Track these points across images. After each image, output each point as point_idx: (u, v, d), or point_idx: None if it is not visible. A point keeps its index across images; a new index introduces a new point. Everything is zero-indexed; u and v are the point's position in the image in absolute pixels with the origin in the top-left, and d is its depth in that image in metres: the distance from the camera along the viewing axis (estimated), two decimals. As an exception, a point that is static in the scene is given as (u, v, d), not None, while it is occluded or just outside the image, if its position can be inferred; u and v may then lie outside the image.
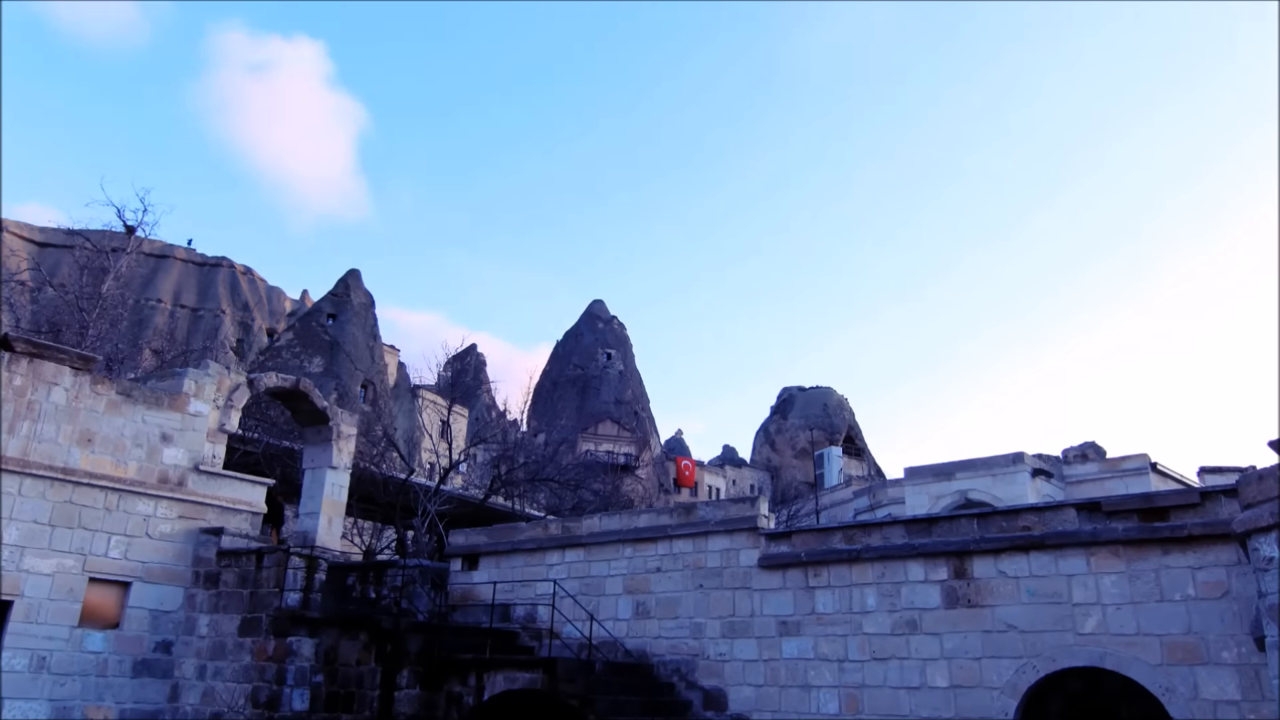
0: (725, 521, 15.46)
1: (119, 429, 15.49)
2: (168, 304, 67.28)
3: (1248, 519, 9.52)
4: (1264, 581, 9.20)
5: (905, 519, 14.20)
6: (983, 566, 12.72)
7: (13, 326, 26.87)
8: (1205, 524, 11.17)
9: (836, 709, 13.28)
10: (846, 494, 52.21)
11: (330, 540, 17.60)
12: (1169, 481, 34.13)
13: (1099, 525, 11.99)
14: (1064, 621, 11.87)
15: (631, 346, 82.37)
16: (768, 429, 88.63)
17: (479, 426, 47.19)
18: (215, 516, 16.20)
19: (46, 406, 14.66)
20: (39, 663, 13.76)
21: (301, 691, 14.05)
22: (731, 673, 14.50)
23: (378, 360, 57.16)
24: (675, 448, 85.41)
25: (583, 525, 17.46)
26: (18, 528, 13.94)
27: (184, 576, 15.61)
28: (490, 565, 18.12)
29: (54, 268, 46.53)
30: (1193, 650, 10.93)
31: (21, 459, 14.15)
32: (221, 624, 15.11)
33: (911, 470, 36.42)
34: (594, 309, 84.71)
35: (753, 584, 14.80)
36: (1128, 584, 11.59)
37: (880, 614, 13.38)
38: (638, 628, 15.81)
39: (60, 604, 14.17)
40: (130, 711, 14.49)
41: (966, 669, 12.40)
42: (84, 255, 32.70)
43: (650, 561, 16.09)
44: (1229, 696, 10.56)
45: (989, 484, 33.01)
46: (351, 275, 57.65)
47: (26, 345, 14.72)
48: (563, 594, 16.40)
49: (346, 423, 18.53)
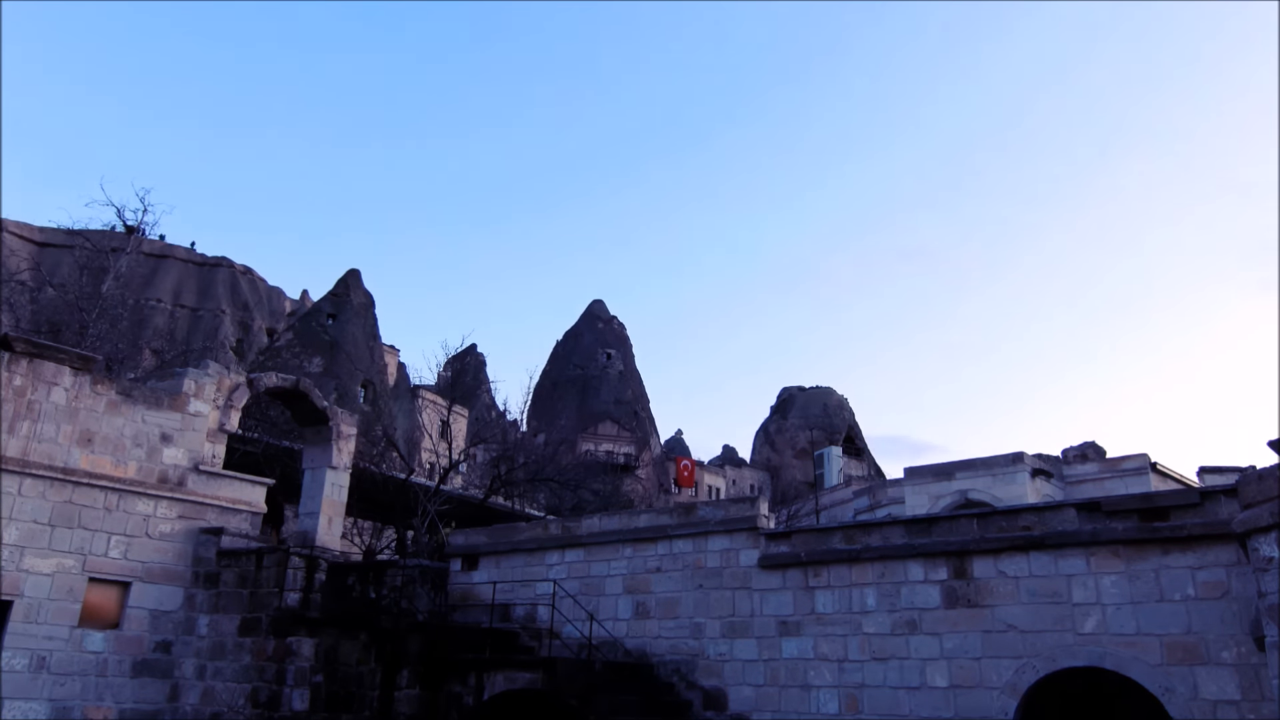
0: (725, 521, 15.45)
1: (119, 429, 15.49)
2: (168, 304, 67.23)
3: (1248, 519, 9.52)
4: (1264, 581, 9.20)
5: (905, 519, 14.19)
6: (983, 566, 12.72)
7: (13, 326, 26.86)
8: (1205, 524, 11.17)
9: (836, 709, 13.28)
10: (846, 494, 52.11)
11: (330, 540, 17.60)
12: (1169, 481, 34.12)
13: (1099, 525, 11.98)
14: (1064, 621, 11.87)
15: (631, 346, 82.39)
16: (768, 429, 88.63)
17: (479, 426, 47.16)
18: (215, 516, 16.21)
19: (46, 406, 14.66)
20: (39, 663, 13.76)
21: (301, 691, 14.05)
22: (731, 673, 14.49)
23: (377, 360, 57.15)
24: (675, 448, 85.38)
25: (583, 525, 17.45)
26: (18, 528, 13.94)
27: (184, 576, 15.61)
28: (490, 565, 18.11)
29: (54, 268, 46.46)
30: (1193, 650, 10.93)
31: (21, 459, 14.16)
32: (221, 624, 15.12)
33: (911, 470, 36.41)
34: (594, 309, 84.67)
35: (753, 584, 14.79)
36: (1128, 584, 11.59)
37: (880, 614, 13.38)
38: (638, 628, 15.80)
39: (60, 604, 14.17)
40: (130, 711, 14.49)
41: (966, 669, 12.39)
42: (84, 255, 32.73)
43: (650, 561, 16.09)
44: (1229, 696, 10.56)
45: (989, 484, 33.01)
46: (351, 275, 57.65)
47: (26, 345, 14.72)
48: (563, 594, 16.40)
49: (346, 423, 18.53)
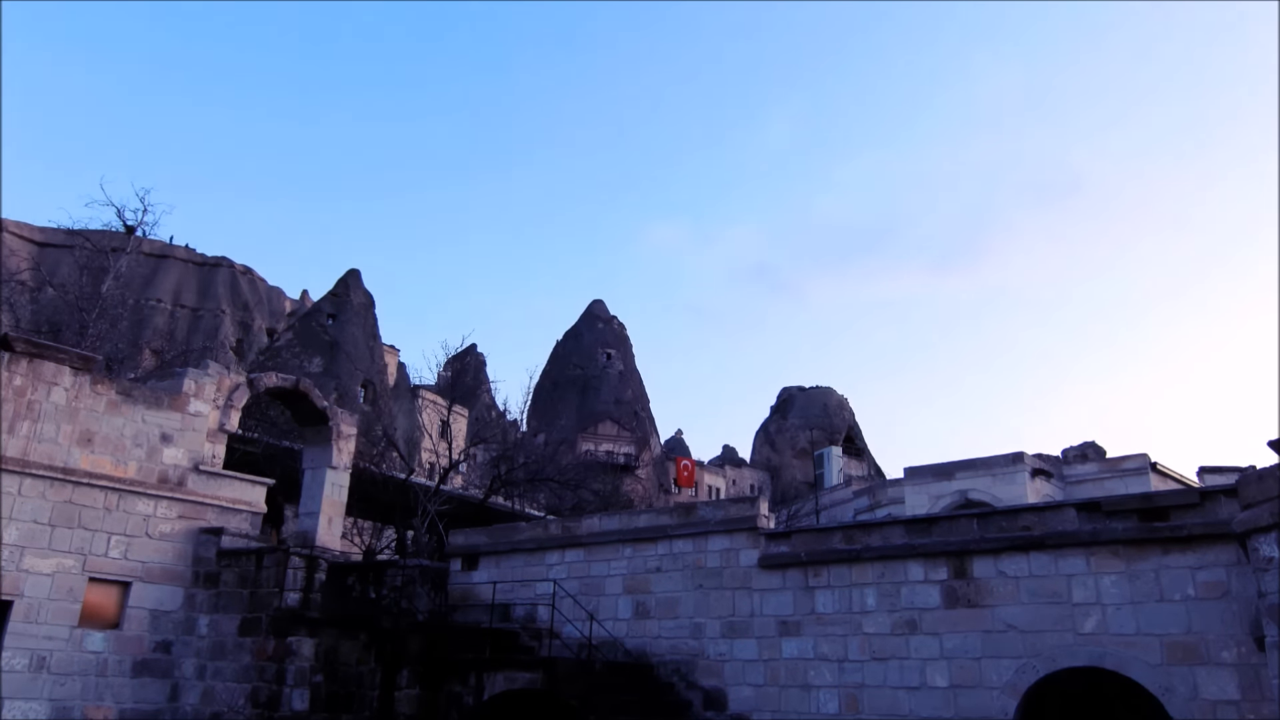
0: (725, 521, 15.46)
1: (119, 429, 15.49)
2: (168, 304, 67.21)
3: (1248, 519, 9.53)
4: (1264, 581, 9.21)
5: (905, 519, 14.20)
6: (983, 566, 12.72)
7: (13, 326, 26.88)
8: (1205, 524, 11.16)
9: (836, 709, 13.28)
10: (846, 494, 52.12)
11: (330, 540, 17.60)
12: (1169, 481, 34.15)
13: (1099, 525, 11.98)
14: (1064, 621, 11.87)
15: (631, 346, 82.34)
16: (768, 429, 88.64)
17: (479, 426, 47.16)
18: (215, 516, 16.20)
19: (46, 406, 14.66)
20: (39, 663, 13.76)
21: (301, 691, 14.05)
22: (731, 673, 14.49)
23: (377, 360, 57.16)
24: (675, 448, 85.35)
25: (583, 525, 17.45)
26: (18, 528, 13.94)
27: (184, 576, 15.61)
28: (490, 565, 18.11)
29: (54, 268, 46.46)
30: (1193, 650, 10.93)
31: (21, 459, 14.15)
32: (221, 624, 15.12)
33: (911, 470, 36.45)
34: (594, 309, 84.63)
35: (753, 584, 14.79)
36: (1128, 584, 11.59)
37: (880, 614, 13.38)
38: (638, 628, 15.80)
39: (60, 604, 14.17)
40: (130, 711, 14.49)
41: (966, 669, 12.39)
42: (84, 255, 32.73)
43: (650, 561, 16.09)
44: (1229, 696, 10.56)
45: (989, 484, 33.05)
46: (351, 275, 57.67)
47: (26, 345, 14.72)
48: (563, 594, 16.40)
49: (346, 423, 18.53)
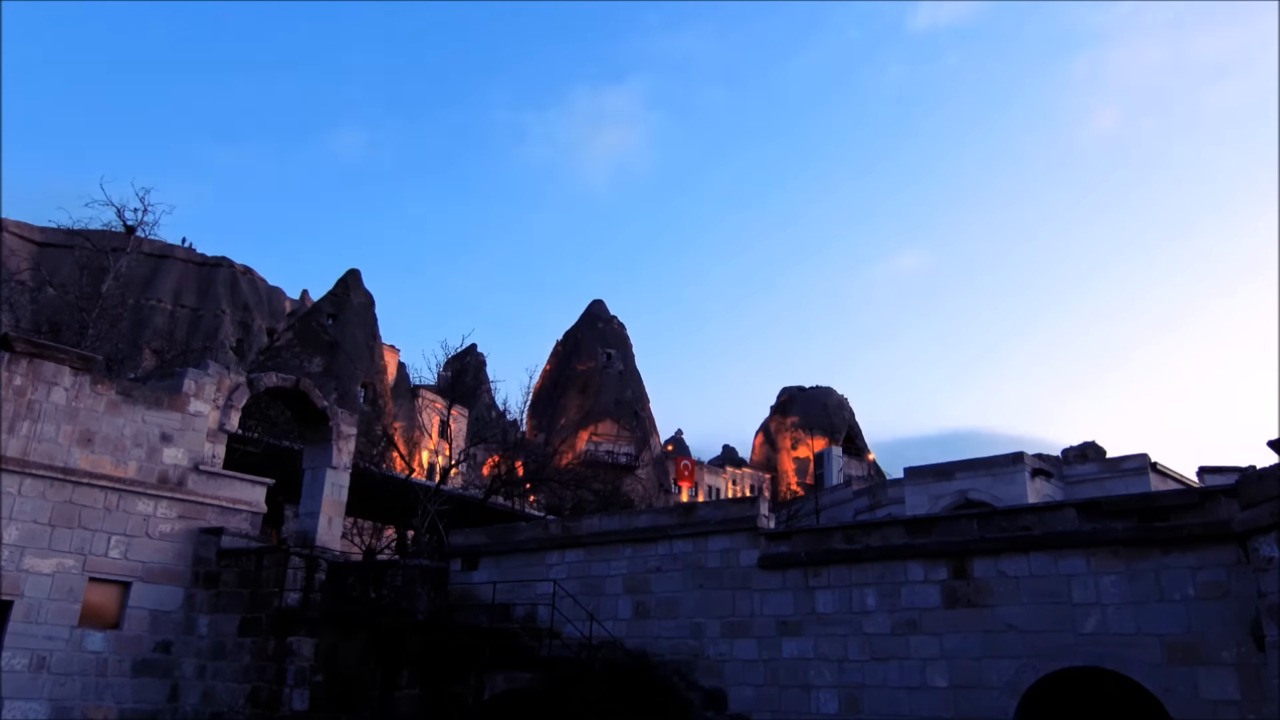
0: (725, 521, 15.45)
1: (119, 429, 15.48)
2: (168, 304, 67.24)
3: (1247, 519, 9.54)
4: (1264, 581, 9.22)
5: (905, 519, 14.21)
6: (983, 566, 12.72)
7: (13, 326, 26.85)
8: (1205, 524, 11.16)
9: (836, 709, 13.28)
10: (846, 494, 52.06)
11: (330, 540, 17.59)
12: (1169, 481, 34.10)
13: (1099, 525, 11.98)
14: (1064, 621, 11.87)
15: (631, 346, 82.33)
16: (768, 429, 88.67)
17: (479, 426, 47.15)
18: (215, 516, 16.20)
19: (46, 406, 14.65)
20: (39, 663, 13.76)
21: (301, 691, 14.05)
22: (731, 673, 14.49)
23: (377, 360, 57.15)
24: (675, 448, 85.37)
25: (583, 525, 17.45)
26: (18, 527, 13.93)
27: (184, 576, 15.60)
28: (490, 565, 18.11)
29: (54, 268, 46.43)
30: (1193, 650, 10.92)
31: (21, 459, 14.15)
32: (221, 624, 15.11)
33: (911, 470, 36.38)
34: (594, 309, 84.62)
35: (752, 584, 14.79)
36: (1128, 584, 11.58)
37: (880, 614, 13.37)
38: (638, 628, 15.80)
39: (60, 604, 14.16)
40: (130, 711, 14.49)
41: (966, 669, 12.39)
42: (84, 255, 32.69)
43: (650, 561, 16.08)
44: (1229, 696, 10.55)
45: (989, 484, 32.98)
46: (351, 275, 57.68)
47: (26, 345, 14.72)
48: (563, 594, 16.39)
49: (346, 423, 18.52)
